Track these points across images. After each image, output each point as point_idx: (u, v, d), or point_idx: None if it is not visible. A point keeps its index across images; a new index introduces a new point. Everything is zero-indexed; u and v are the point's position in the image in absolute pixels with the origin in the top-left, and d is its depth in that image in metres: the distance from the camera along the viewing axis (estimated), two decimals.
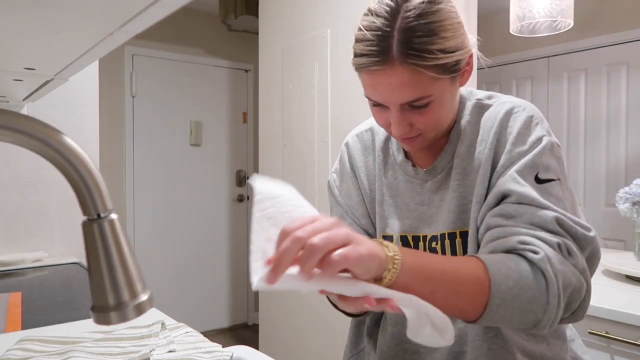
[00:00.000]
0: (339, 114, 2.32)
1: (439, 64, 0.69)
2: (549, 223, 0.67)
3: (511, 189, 0.70)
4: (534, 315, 0.63)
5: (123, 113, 3.54)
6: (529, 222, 0.68)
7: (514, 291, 0.62)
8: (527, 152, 0.73)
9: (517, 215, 0.69)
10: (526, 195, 0.69)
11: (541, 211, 0.68)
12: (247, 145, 4.10)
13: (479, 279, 0.62)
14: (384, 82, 0.71)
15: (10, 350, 0.88)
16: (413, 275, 0.58)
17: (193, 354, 0.86)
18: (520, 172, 0.71)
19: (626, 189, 1.61)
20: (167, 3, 0.47)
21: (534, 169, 0.72)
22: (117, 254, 0.43)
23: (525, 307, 0.63)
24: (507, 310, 0.62)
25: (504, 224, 0.69)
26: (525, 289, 0.62)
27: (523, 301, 0.62)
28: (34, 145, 0.40)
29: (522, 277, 0.63)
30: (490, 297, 0.61)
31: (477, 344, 0.77)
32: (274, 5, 2.78)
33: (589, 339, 1.32)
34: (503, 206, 0.70)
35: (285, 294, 2.67)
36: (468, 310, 0.63)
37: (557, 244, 0.65)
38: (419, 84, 0.70)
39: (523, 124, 0.75)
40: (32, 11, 0.49)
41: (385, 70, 0.70)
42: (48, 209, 1.81)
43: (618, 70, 3.11)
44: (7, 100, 1.41)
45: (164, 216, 3.69)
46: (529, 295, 0.62)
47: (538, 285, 0.63)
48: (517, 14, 1.90)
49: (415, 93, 0.70)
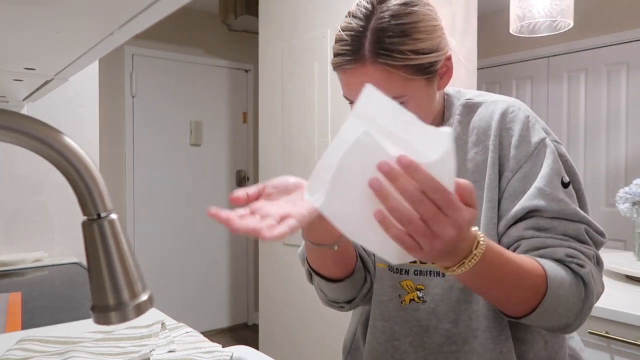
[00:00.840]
0: (339, 114, 2.32)
1: (411, 65, 0.70)
2: (581, 235, 0.73)
3: (542, 205, 0.73)
4: (566, 320, 0.70)
5: (123, 113, 3.54)
6: (562, 233, 0.73)
7: (562, 300, 0.67)
8: (532, 153, 0.76)
9: (551, 228, 0.73)
10: (560, 211, 0.73)
11: (573, 224, 0.73)
12: (247, 145, 4.10)
13: (539, 280, 0.66)
14: (357, 80, 0.72)
15: (10, 350, 0.88)
16: (490, 266, 0.61)
17: (193, 354, 0.86)
18: (549, 184, 0.74)
19: (626, 189, 1.61)
20: (167, 3, 0.47)
21: (557, 176, 0.75)
22: (117, 254, 0.43)
23: (564, 314, 0.69)
24: (550, 314, 0.68)
25: (540, 235, 0.73)
26: (569, 298, 0.68)
27: (565, 308, 0.68)
28: (34, 145, 0.40)
29: (570, 287, 0.68)
30: (542, 300, 0.66)
31: (489, 346, 0.76)
32: (274, 5, 2.78)
33: (589, 339, 1.32)
34: (537, 220, 0.73)
35: (285, 294, 2.68)
36: (520, 306, 0.68)
37: (592, 256, 0.73)
38: (390, 84, 0.71)
39: (522, 125, 0.77)
40: (32, 11, 0.49)
41: (357, 69, 0.72)
42: (48, 209, 1.81)
43: (618, 70, 3.11)
44: (7, 100, 1.41)
45: (164, 216, 3.69)
46: (570, 304, 0.69)
47: (579, 295, 0.69)
48: (517, 14, 1.90)
49: (388, 93, 0.71)
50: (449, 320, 0.79)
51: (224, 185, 3.98)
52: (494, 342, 0.76)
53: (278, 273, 2.75)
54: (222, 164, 3.97)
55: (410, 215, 0.51)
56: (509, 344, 0.76)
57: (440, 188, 0.51)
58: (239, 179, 4.05)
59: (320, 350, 2.45)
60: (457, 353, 0.79)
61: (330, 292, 0.86)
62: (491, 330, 0.76)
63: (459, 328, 0.79)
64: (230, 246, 4.01)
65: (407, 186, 0.51)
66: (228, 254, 4.00)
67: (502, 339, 0.76)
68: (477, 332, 0.78)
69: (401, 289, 0.83)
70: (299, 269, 2.57)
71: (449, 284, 0.79)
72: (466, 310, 0.78)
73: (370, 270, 0.87)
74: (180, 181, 3.76)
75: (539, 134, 0.77)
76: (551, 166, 0.74)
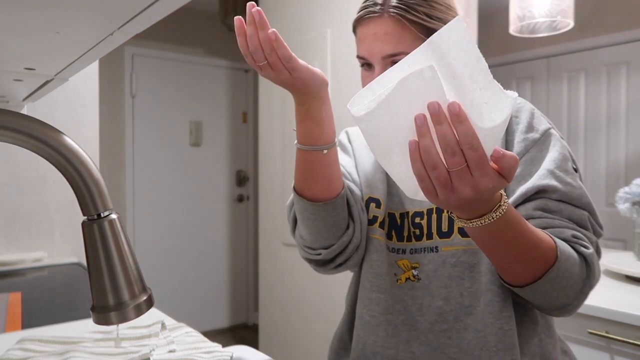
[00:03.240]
0: (339, 114, 2.32)
1: (423, 25, 0.77)
2: (584, 222, 0.75)
3: (553, 185, 0.75)
4: (566, 299, 0.71)
5: (123, 113, 3.54)
6: (567, 217, 0.75)
7: (567, 273, 0.69)
8: (539, 139, 0.78)
9: (558, 211, 0.75)
10: (567, 194, 0.75)
11: (578, 210, 0.76)
12: (247, 145, 4.10)
13: (549, 250, 0.68)
14: (371, 32, 0.78)
15: (10, 350, 0.88)
16: (506, 227, 0.62)
17: (193, 354, 0.86)
18: (559, 167, 0.76)
19: (626, 189, 1.61)
20: (167, 3, 0.47)
21: (566, 161, 0.78)
22: (117, 254, 0.43)
23: (566, 290, 0.70)
24: (553, 286, 0.69)
25: (548, 216, 0.75)
26: (573, 275, 0.70)
27: (567, 284, 0.70)
28: (34, 145, 0.40)
29: (575, 264, 0.70)
30: (550, 269, 0.68)
31: (488, 321, 0.77)
32: (274, 5, 2.78)
33: (589, 339, 1.32)
34: (545, 201, 0.75)
35: (285, 294, 2.68)
36: (526, 271, 0.69)
37: (594, 242, 0.75)
38: (402, 37, 0.77)
39: (529, 114, 0.81)
40: (32, 11, 0.49)
41: (374, 20, 0.78)
42: (48, 209, 1.81)
43: (618, 70, 3.11)
44: (7, 100, 1.41)
45: (164, 216, 3.69)
46: (573, 281, 0.70)
47: (581, 274, 0.71)
48: (517, 14, 1.90)
49: (397, 46, 0.77)
50: (440, 297, 0.80)
51: (224, 185, 3.98)
52: (494, 317, 0.76)
53: (278, 273, 2.75)
54: (222, 164, 3.97)
55: (437, 161, 0.53)
56: (512, 322, 0.76)
57: (477, 147, 0.51)
58: (239, 179, 4.06)
59: (320, 350, 2.45)
60: (449, 332, 0.79)
61: (310, 228, 0.82)
62: (493, 305, 0.77)
63: (450, 305, 0.80)
64: (230, 246, 4.01)
65: (447, 134, 0.52)
66: (228, 254, 4.00)
67: (504, 315, 0.76)
68: (470, 309, 0.79)
69: (397, 267, 0.84)
70: (299, 269, 2.57)
71: (442, 259, 0.81)
72: (457, 286, 0.79)
73: (355, 219, 0.85)
74: (180, 181, 3.76)
75: (545, 124, 0.81)
76: (560, 151, 0.77)
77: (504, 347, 0.76)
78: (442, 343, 0.80)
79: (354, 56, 0.89)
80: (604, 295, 1.37)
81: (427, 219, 0.82)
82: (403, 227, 0.84)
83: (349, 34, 0.85)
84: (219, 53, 3.92)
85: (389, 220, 0.86)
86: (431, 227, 0.82)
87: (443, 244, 0.80)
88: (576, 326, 1.34)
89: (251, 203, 4.09)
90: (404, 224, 0.84)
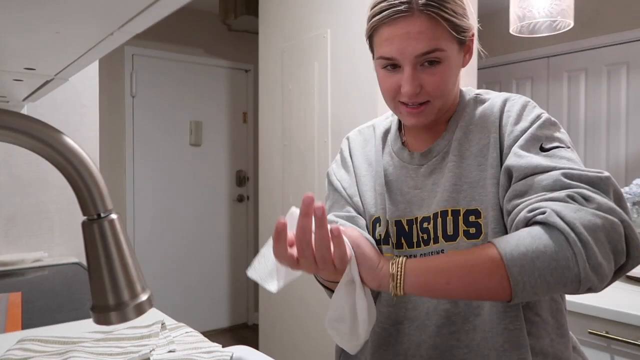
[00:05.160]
0: (339, 114, 2.32)
1: (453, 21, 0.76)
2: (557, 181, 0.68)
3: (513, 164, 0.74)
4: (568, 271, 0.62)
5: (123, 113, 3.54)
6: (540, 189, 0.69)
7: (530, 255, 0.63)
8: (527, 128, 0.77)
9: (527, 189, 0.71)
10: (528, 165, 0.72)
11: (547, 174, 0.70)
12: (247, 145, 4.10)
13: (490, 257, 0.65)
14: (403, 31, 0.75)
15: (10, 350, 0.88)
16: (421, 275, 0.68)
17: (193, 354, 0.86)
18: (522, 146, 0.75)
19: (626, 189, 1.61)
20: (167, 3, 0.47)
21: (537, 140, 0.75)
22: (117, 254, 0.43)
23: (552, 266, 0.62)
24: (532, 275, 0.63)
25: (518, 202, 0.71)
26: (543, 249, 0.63)
27: (546, 261, 0.62)
28: (34, 145, 0.40)
29: (535, 240, 0.64)
30: (507, 268, 0.63)
31: (494, 321, 0.77)
32: (274, 5, 2.78)
33: (589, 339, 1.32)
34: (513, 187, 0.73)
35: (285, 294, 2.67)
36: (494, 289, 0.65)
37: (567, 196, 0.66)
38: (435, 34, 0.75)
39: (520, 107, 0.81)
40: (32, 11, 0.49)
41: (406, 19, 0.75)
42: (48, 209, 1.81)
43: (618, 70, 3.11)
44: (7, 100, 1.41)
45: (164, 216, 3.69)
46: (550, 253, 0.62)
47: (557, 241, 0.63)
48: (517, 14, 1.90)
49: (431, 43, 0.75)
50: (447, 300, 0.80)
51: (224, 185, 3.98)
52: (498, 317, 0.77)
53: None
54: (222, 164, 3.97)
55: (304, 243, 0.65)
56: (518, 322, 0.76)
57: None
58: (239, 179, 4.05)
59: (320, 350, 2.45)
60: (457, 333, 0.80)
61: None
62: (497, 305, 0.77)
63: (459, 307, 0.80)
64: (230, 246, 4.01)
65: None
66: (228, 254, 4.00)
67: (509, 315, 0.76)
68: (478, 310, 0.79)
69: None
70: None
71: None
72: None
73: None
74: (180, 181, 3.76)
75: (537, 111, 0.80)
76: (533, 132, 0.76)
77: (511, 347, 0.76)
78: (451, 345, 0.80)
79: (354, 56, 0.89)
80: (604, 295, 1.37)
81: (434, 223, 0.82)
82: (412, 233, 0.85)
83: (349, 34, 0.84)
84: (219, 53, 3.92)
85: (397, 228, 0.86)
86: (437, 230, 0.82)
87: (449, 247, 0.80)
88: (576, 326, 1.34)
89: (251, 203, 4.09)
90: (413, 230, 0.85)
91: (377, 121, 0.98)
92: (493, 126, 0.81)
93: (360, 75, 2.18)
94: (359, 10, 2.19)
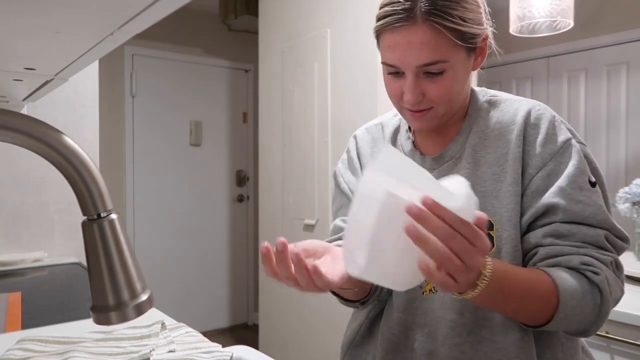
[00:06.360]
0: (339, 114, 2.32)
1: (458, 30, 0.73)
2: (600, 242, 0.74)
3: (562, 205, 0.74)
4: (583, 327, 0.72)
5: (123, 113, 3.54)
6: (581, 240, 0.74)
7: (576, 310, 0.70)
8: (558, 152, 0.76)
9: (569, 234, 0.74)
10: (578, 213, 0.74)
11: (593, 230, 0.74)
12: (247, 145, 4.10)
13: (550, 294, 0.69)
14: (405, 40, 0.73)
15: (10, 350, 0.88)
16: (499, 287, 0.65)
17: (193, 354, 0.86)
18: (572, 183, 0.75)
19: (626, 189, 1.61)
20: (167, 3, 0.47)
21: (582, 175, 0.76)
22: (117, 254, 0.43)
23: (581, 321, 0.71)
24: (567, 322, 0.71)
25: (558, 243, 0.74)
26: (584, 307, 0.70)
27: (581, 317, 0.71)
28: (34, 145, 0.40)
29: (584, 297, 0.70)
30: (556, 311, 0.69)
31: (509, 331, 0.76)
32: (274, 5, 2.78)
33: (589, 339, 1.32)
34: (556, 226, 0.74)
35: (285, 294, 2.67)
36: (536, 318, 0.71)
37: (610, 262, 0.74)
38: (438, 45, 0.72)
39: (549, 123, 0.78)
40: (32, 11, 0.49)
41: (408, 28, 0.72)
42: (48, 209, 1.81)
43: (618, 70, 3.11)
44: (7, 100, 1.41)
45: (164, 216, 3.69)
46: (587, 312, 0.71)
47: (594, 303, 0.71)
48: (517, 14, 1.90)
49: (434, 54, 0.73)
50: (454, 310, 0.79)
51: (224, 185, 3.98)
52: (513, 329, 0.76)
53: None
54: (222, 164, 3.97)
55: (448, 254, 0.55)
56: (530, 331, 0.76)
57: (464, 221, 0.55)
58: (239, 179, 4.05)
59: (320, 350, 2.45)
60: (461, 346, 0.78)
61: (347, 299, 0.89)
62: (505, 320, 0.77)
63: (464, 319, 0.78)
64: (230, 246, 4.01)
65: (438, 224, 0.54)
66: (228, 254, 4.00)
67: (518, 323, 0.76)
68: (484, 322, 0.78)
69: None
70: None
71: None
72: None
73: None
74: (180, 181, 3.76)
75: (565, 133, 0.78)
76: (576, 166, 0.75)
77: (525, 357, 0.76)
78: (455, 357, 0.79)
79: (354, 56, 0.89)
80: None
81: None
82: None
83: (349, 34, 0.83)
84: (219, 53, 3.92)
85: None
86: None
87: None
88: None
89: (251, 203, 4.09)
90: None
91: (385, 119, 0.95)
92: (515, 137, 0.78)
93: (360, 75, 2.18)
94: (359, 10, 2.19)
